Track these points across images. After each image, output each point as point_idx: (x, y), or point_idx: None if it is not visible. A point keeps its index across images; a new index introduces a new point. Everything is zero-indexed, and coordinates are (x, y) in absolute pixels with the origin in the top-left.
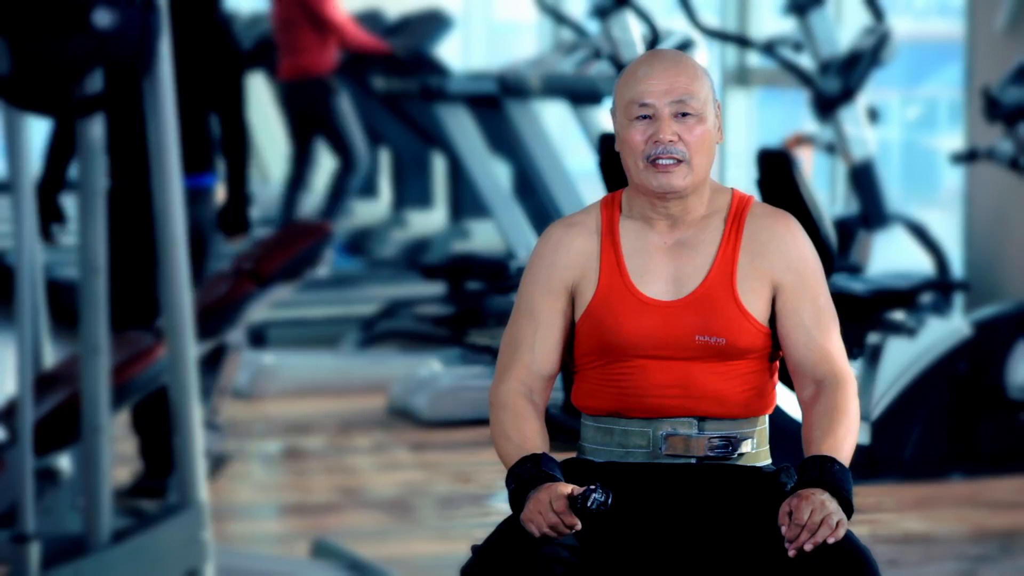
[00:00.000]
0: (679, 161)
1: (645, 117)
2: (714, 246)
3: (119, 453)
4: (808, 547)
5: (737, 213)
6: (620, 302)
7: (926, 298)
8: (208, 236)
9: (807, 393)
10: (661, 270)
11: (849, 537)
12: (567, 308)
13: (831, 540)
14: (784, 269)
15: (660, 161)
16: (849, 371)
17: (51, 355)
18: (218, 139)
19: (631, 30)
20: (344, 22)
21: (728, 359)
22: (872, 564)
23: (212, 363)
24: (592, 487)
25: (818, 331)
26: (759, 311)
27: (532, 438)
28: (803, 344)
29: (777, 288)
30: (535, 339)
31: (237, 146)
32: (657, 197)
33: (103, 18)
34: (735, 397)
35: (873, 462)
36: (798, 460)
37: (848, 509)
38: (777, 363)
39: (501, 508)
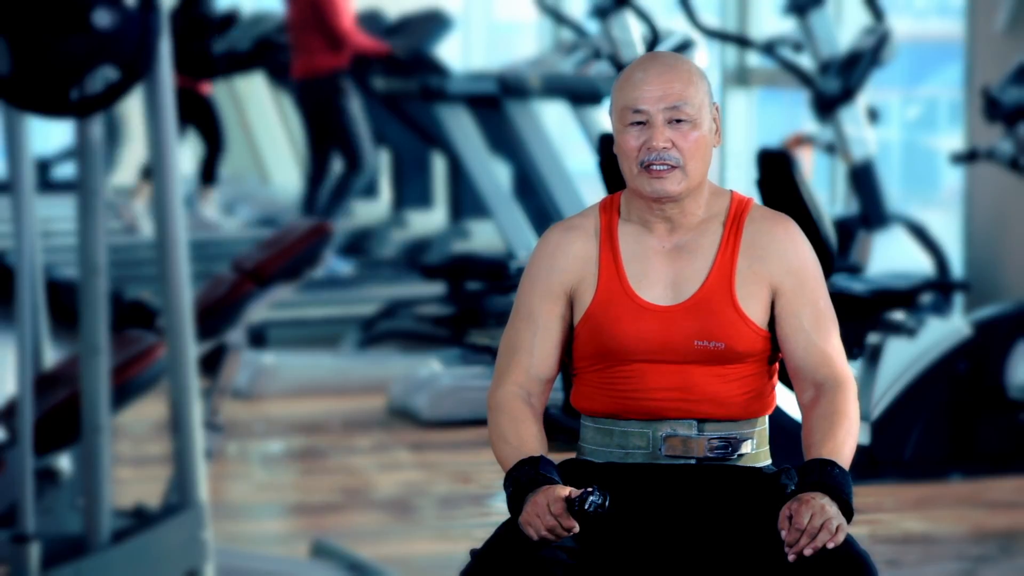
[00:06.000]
0: (673, 167)
1: (640, 123)
2: (713, 250)
3: (119, 453)
4: (808, 552)
5: (736, 216)
6: (619, 307)
7: (926, 298)
8: None
9: (807, 396)
10: (660, 274)
11: (849, 542)
12: (566, 312)
13: (831, 545)
14: (783, 273)
15: (654, 167)
16: (849, 374)
17: (51, 355)
18: None
19: (631, 30)
20: (351, 30)
21: (727, 363)
22: (872, 569)
23: (212, 363)
24: (589, 489)
25: (818, 334)
26: (758, 315)
27: (530, 441)
28: (803, 348)
29: (776, 292)
30: (534, 343)
31: None
32: (653, 201)
33: (103, 18)
34: (734, 399)
35: (873, 462)
36: (798, 460)
37: (848, 513)
38: (776, 364)
39: (501, 508)
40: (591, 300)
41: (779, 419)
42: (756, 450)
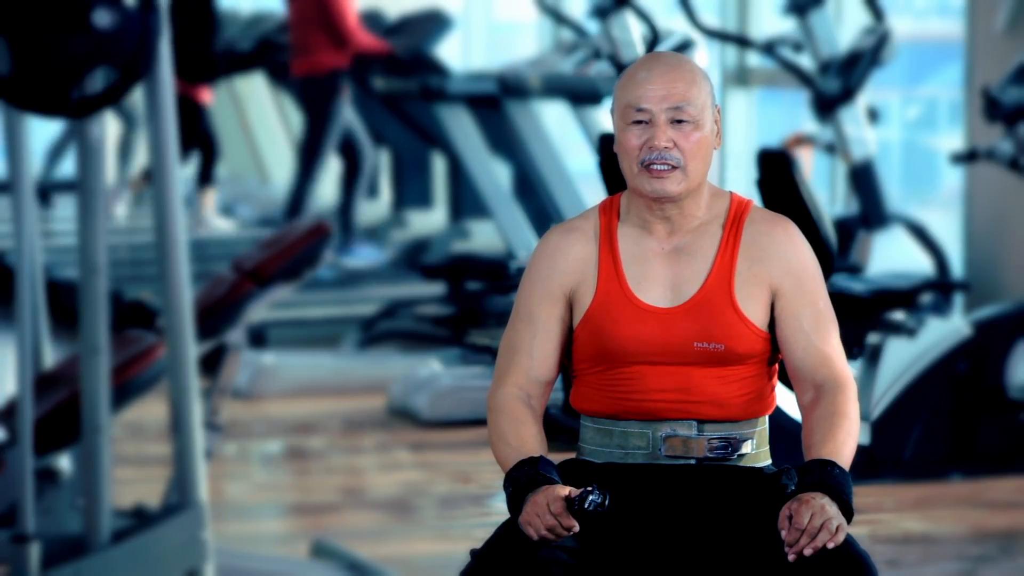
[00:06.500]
0: (673, 167)
1: (642, 122)
2: (712, 252)
3: (119, 453)
4: (808, 552)
5: (735, 218)
6: (618, 309)
7: (926, 298)
8: None
9: (807, 397)
10: (659, 276)
11: (849, 542)
12: (565, 314)
13: (831, 545)
14: (783, 274)
15: (654, 167)
16: (849, 375)
17: (51, 355)
18: None
19: (631, 30)
20: (355, 29)
21: (727, 364)
22: (872, 569)
23: (212, 363)
24: (589, 488)
25: (817, 335)
26: (758, 316)
27: (529, 442)
28: (802, 349)
29: (776, 293)
30: (533, 344)
31: None
32: (652, 201)
33: (103, 18)
34: (734, 400)
35: (873, 462)
36: (798, 460)
37: (848, 513)
38: (776, 365)
39: (501, 508)
40: (590, 302)
41: (779, 419)
42: (756, 450)
